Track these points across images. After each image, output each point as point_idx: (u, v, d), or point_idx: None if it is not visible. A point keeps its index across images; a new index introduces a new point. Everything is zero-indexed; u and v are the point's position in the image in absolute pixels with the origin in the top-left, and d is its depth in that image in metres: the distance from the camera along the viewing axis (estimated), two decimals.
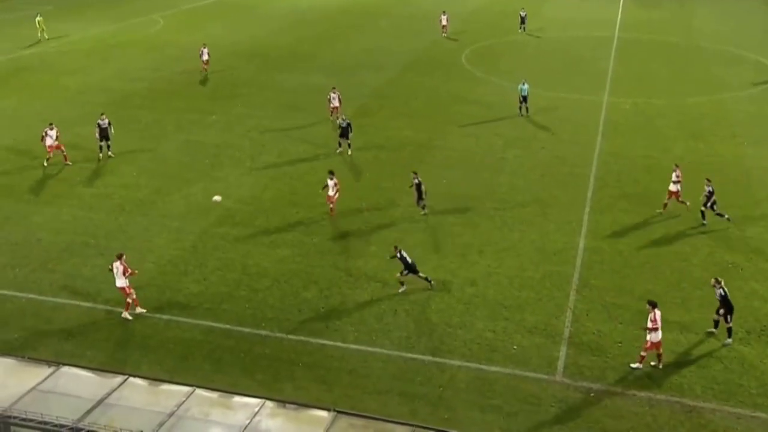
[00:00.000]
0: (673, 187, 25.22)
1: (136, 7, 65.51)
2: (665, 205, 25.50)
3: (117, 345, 18.58)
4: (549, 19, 61.25)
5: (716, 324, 18.80)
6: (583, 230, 24.62)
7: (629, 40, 53.66)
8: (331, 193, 25.21)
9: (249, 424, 12.56)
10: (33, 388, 13.25)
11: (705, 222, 24.70)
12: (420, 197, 25.47)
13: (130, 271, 19.46)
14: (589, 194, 27.38)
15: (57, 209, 25.91)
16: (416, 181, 25.44)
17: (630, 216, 25.45)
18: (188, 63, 45.55)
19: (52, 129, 29.31)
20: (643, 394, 16.93)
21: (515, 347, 18.56)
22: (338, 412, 12.91)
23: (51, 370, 13.96)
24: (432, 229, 24.67)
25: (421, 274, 21.04)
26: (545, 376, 17.48)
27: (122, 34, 54.82)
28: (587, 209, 26.13)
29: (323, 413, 12.96)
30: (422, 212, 25.51)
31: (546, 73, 44.16)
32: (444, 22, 53.93)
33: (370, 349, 18.48)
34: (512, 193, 27.63)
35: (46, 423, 11.67)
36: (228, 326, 19.29)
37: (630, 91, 40.58)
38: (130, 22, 59.07)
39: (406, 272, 20.89)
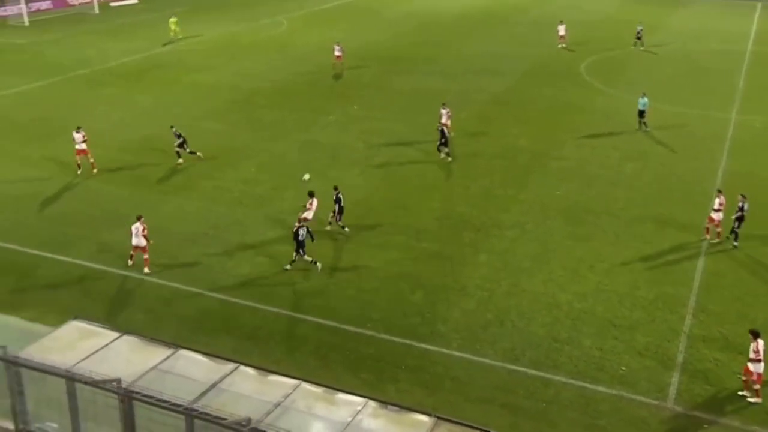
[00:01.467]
0: (714, 215, 23.74)
1: (261, 10, 67.90)
2: (707, 229, 24.11)
3: (229, 333, 19.30)
4: (676, 31, 58.70)
5: None
6: (703, 252, 23.42)
7: (764, 54, 50.58)
8: (309, 215, 23.51)
9: (351, 421, 12.68)
10: (153, 368, 13.89)
11: (736, 244, 23.41)
12: (338, 212, 24.40)
13: (146, 233, 21.74)
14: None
15: (182, 200, 27.23)
16: (338, 196, 24.34)
17: (755, 240, 23.95)
18: (311, 64, 46.85)
19: (78, 132, 28.82)
20: (764, 431, 15.89)
21: (623, 368, 17.89)
22: (439, 417, 12.83)
23: (170, 351, 14.59)
24: (543, 241, 24.18)
25: (306, 257, 21.85)
26: (655, 401, 16.74)
27: (248, 35, 56.99)
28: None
29: (424, 418, 12.91)
30: (345, 229, 24.55)
31: (669, 87, 42.36)
32: (562, 33, 52.44)
33: (473, 357, 18.32)
34: (628, 207, 26.66)
35: (164, 402, 12.20)
36: (335, 324, 19.63)
37: (762, 108, 38.23)
38: (256, 24, 61.30)
39: (297, 251, 21.74)
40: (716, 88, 42.25)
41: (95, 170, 29.30)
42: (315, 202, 23.84)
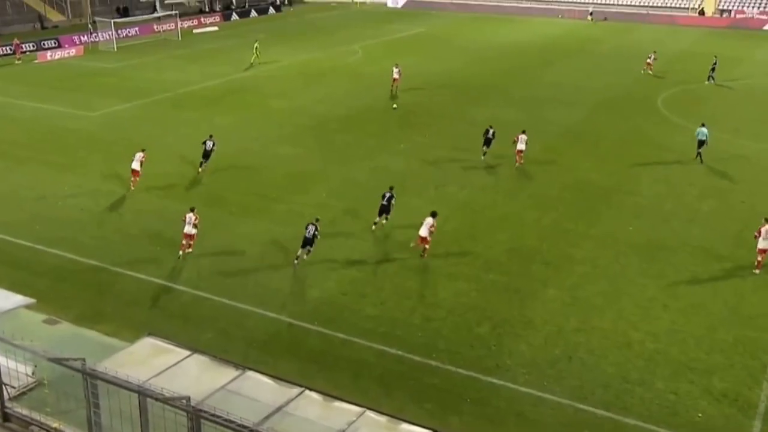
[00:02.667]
0: (765, 245, 23.56)
1: (337, 38, 69.23)
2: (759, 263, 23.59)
3: (296, 356, 19.41)
4: (762, 64, 56.80)
5: None
6: None
7: None
8: (424, 232, 24.23)
9: None
10: (222, 387, 14.03)
11: None
12: (384, 211, 26.27)
13: (198, 222, 24.16)
14: None
15: (254, 222, 27.70)
16: (389, 194, 26.32)
17: None
18: (383, 91, 47.33)
19: (140, 152, 30.06)
20: None
21: (700, 414, 17.12)
22: None
23: (238, 372, 14.73)
24: (614, 278, 23.54)
25: (302, 252, 23.61)
26: None
27: (324, 62, 58.09)
28: None
29: None
30: (373, 227, 26.57)
31: (752, 122, 41.03)
32: (649, 61, 53.53)
33: (540, 393, 17.88)
34: (705, 246, 25.73)
35: (231, 422, 12.30)
36: (400, 352, 19.50)
37: None
38: (332, 51, 62.47)
39: (307, 248, 23.63)
40: None
41: (132, 187, 30.36)
42: (429, 220, 24.34)
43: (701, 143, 33.97)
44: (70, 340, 18.87)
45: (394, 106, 42.48)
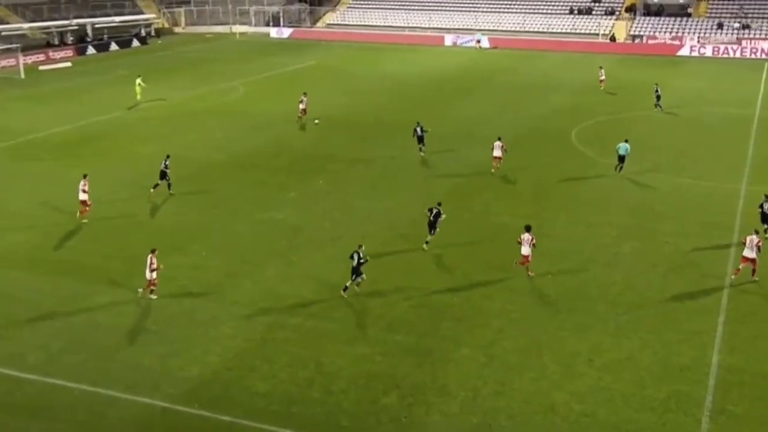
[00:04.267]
0: (749, 254, 26.98)
1: (214, 73, 69.45)
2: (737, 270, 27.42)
3: None
4: (679, 94, 60.76)
5: None
6: (717, 344, 23.51)
7: None
8: (526, 251, 27.57)
9: None
10: None
11: None
12: (433, 226, 29.79)
13: (157, 267, 25.53)
14: (725, 300, 26.26)
15: (119, 290, 26.85)
16: (435, 210, 29.82)
17: None
18: (270, 134, 47.50)
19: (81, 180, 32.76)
20: None
21: None
22: None
23: None
24: (532, 332, 24.17)
25: (351, 283, 25.79)
26: None
27: (200, 101, 57.89)
28: (722, 318, 25.02)
29: None
30: (429, 239, 30.24)
31: (671, 155, 43.67)
32: (602, 77, 62.20)
33: None
34: (629, 293, 26.86)
35: None
36: None
37: None
38: (208, 89, 62.39)
39: (354, 277, 25.65)
40: (723, 157, 43.48)
41: (85, 220, 32.98)
42: (527, 236, 27.39)
43: (622, 158, 39.07)
44: None
45: (316, 121, 49.38)
